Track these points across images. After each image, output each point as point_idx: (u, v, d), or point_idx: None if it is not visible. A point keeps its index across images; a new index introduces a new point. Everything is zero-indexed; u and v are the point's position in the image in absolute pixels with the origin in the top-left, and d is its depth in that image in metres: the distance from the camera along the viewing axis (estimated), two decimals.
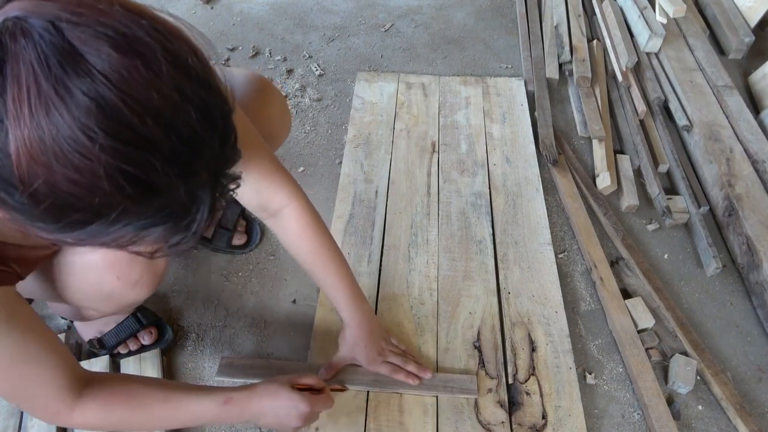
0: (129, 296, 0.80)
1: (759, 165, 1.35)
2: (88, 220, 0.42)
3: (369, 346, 0.95)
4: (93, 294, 0.78)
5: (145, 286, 0.79)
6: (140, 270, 0.77)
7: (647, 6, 1.80)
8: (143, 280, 0.78)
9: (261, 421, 0.84)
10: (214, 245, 1.21)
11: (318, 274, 0.90)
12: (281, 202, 0.84)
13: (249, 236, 1.23)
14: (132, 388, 0.74)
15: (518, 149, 1.46)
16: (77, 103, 0.37)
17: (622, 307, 1.13)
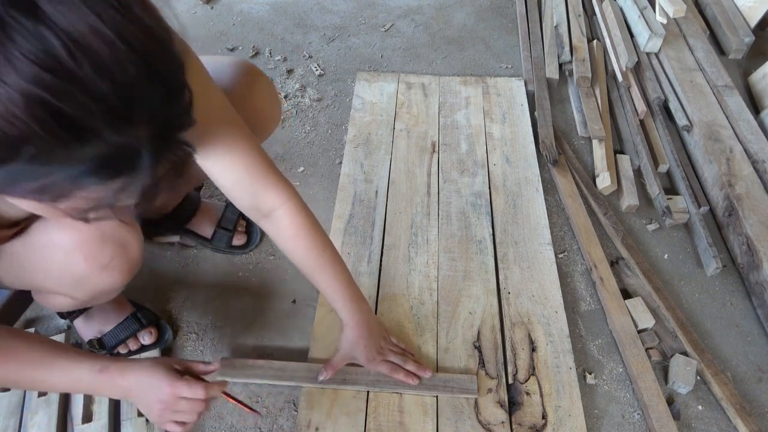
0: (101, 281, 0.76)
1: (759, 165, 1.35)
2: (6, 156, 0.39)
3: (368, 345, 0.94)
4: (62, 277, 0.75)
5: (116, 271, 0.75)
6: (110, 252, 0.73)
7: (647, 6, 1.80)
8: (114, 263, 0.74)
9: (132, 400, 0.77)
10: (214, 245, 1.21)
11: (315, 275, 0.89)
12: (275, 202, 0.83)
13: (249, 237, 1.23)
14: (12, 342, 0.69)
15: (518, 149, 1.46)
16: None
17: (622, 307, 1.13)
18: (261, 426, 0.96)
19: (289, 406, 0.99)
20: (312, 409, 0.96)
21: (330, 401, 0.97)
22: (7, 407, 0.92)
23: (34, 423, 0.90)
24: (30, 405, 0.92)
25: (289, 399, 1.00)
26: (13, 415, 0.92)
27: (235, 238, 1.21)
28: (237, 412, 0.98)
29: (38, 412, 0.91)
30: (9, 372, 0.69)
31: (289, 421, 0.97)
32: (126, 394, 0.75)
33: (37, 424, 0.90)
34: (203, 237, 1.21)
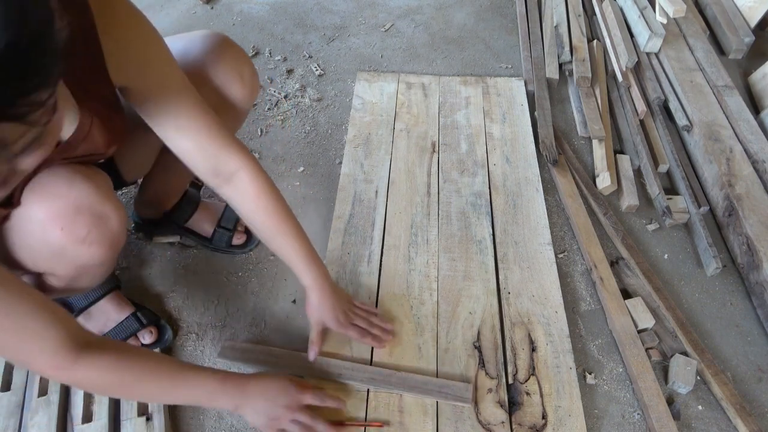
0: (81, 254, 0.74)
1: (759, 165, 1.35)
2: None
3: (335, 308, 0.97)
4: (42, 251, 0.74)
5: (94, 245, 0.74)
6: (86, 224, 0.72)
7: (647, 6, 1.80)
8: (91, 236, 0.73)
9: (250, 406, 0.83)
10: (213, 245, 1.21)
11: (277, 239, 0.90)
12: (236, 164, 0.83)
13: (249, 236, 1.23)
14: (141, 355, 0.75)
15: (518, 149, 1.46)
16: None
17: (622, 307, 1.13)
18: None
19: None
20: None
21: None
22: (7, 407, 0.92)
23: (34, 423, 0.90)
24: (30, 405, 0.92)
25: None
26: (13, 415, 0.92)
27: (235, 237, 1.21)
28: None
29: (38, 412, 0.91)
30: (147, 389, 0.76)
31: None
32: (244, 401, 0.82)
33: (37, 424, 0.90)
34: (203, 236, 1.21)
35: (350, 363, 1.01)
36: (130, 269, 1.19)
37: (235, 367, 1.04)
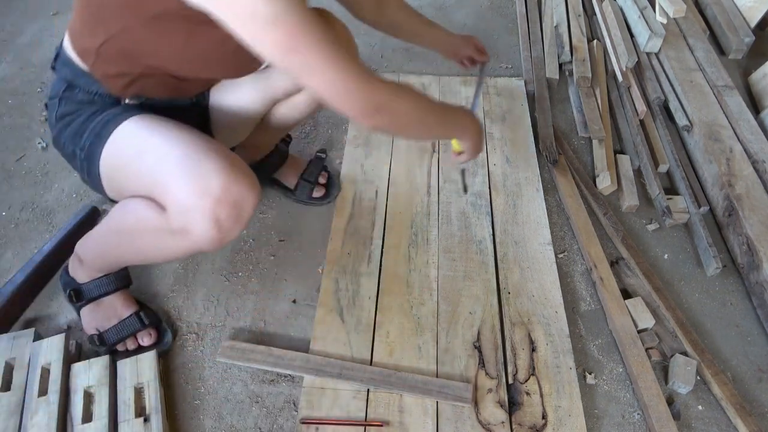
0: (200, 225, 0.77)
1: (759, 165, 1.35)
2: None
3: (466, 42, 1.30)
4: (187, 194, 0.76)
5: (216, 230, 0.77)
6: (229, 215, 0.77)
7: (647, 6, 1.80)
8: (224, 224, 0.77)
9: (473, 136, 1.03)
10: (296, 196, 1.31)
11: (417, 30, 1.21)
12: None
13: (328, 191, 1.32)
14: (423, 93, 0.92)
15: (518, 149, 1.46)
16: None
17: (622, 307, 1.13)
18: (261, 426, 0.96)
19: (289, 406, 0.99)
20: (312, 409, 0.96)
21: (330, 401, 0.97)
22: (7, 407, 0.92)
23: (34, 423, 0.90)
24: (30, 405, 0.92)
25: (289, 399, 1.00)
26: (13, 415, 0.92)
27: (316, 190, 1.31)
28: (237, 412, 0.98)
29: (38, 412, 0.91)
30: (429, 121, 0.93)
31: (289, 421, 0.97)
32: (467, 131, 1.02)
33: (37, 424, 0.90)
34: (287, 187, 1.32)
35: (350, 363, 1.01)
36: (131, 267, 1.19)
37: (236, 367, 1.04)
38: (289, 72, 0.73)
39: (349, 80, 0.75)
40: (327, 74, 0.73)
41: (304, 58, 0.71)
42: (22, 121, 1.53)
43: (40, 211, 1.30)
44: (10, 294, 1.07)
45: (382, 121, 0.82)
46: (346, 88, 0.76)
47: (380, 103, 0.80)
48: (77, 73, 0.86)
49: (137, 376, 0.97)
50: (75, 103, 0.88)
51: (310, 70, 0.72)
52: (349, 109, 0.79)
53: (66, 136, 0.89)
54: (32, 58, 1.75)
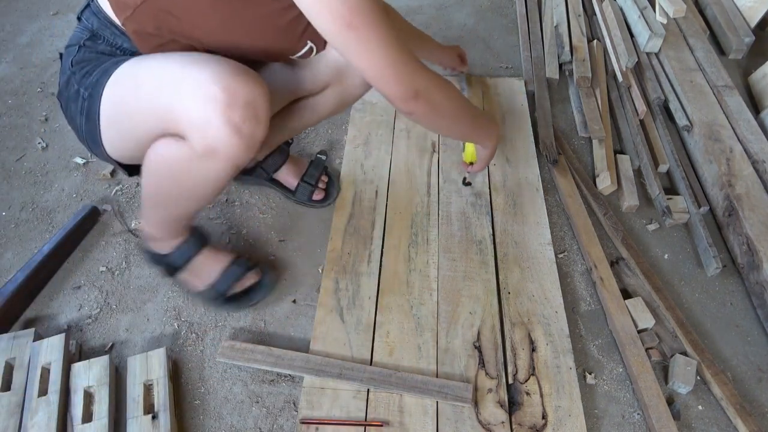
0: (222, 136, 0.77)
1: (759, 165, 1.35)
2: None
3: None
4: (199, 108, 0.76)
5: (237, 136, 0.78)
6: (246, 117, 0.77)
7: (647, 6, 1.80)
8: (243, 129, 0.77)
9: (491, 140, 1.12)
10: (296, 197, 1.31)
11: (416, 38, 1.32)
12: None
13: (327, 193, 1.33)
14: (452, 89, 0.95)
15: (518, 149, 1.46)
16: None
17: (622, 307, 1.13)
18: (261, 426, 0.97)
19: (289, 406, 0.99)
20: (312, 409, 0.96)
21: (330, 401, 0.97)
22: (7, 407, 0.92)
23: (34, 423, 0.90)
24: (30, 405, 0.92)
25: (289, 399, 1.00)
26: (13, 415, 0.92)
27: (316, 193, 1.31)
28: (237, 412, 0.98)
29: (38, 412, 0.91)
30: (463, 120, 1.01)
31: (289, 421, 0.97)
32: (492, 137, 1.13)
33: (37, 424, 0.90)
34: (287, 188, 1.32)
35: (350, 363, 1.01)
36: (130, 269, 1.19)
37: (236, 367, 1.04)
38: (341, 47, 0.76)
39: (397, 63, 0.80)
40: (377, 53, 0.77)
41: (360, 35, 0.74)
42: (22, 121, 1.53)
43: (40, 211, 1.30)
44: (10, 294, 1.07)
45: (418, 107, 0.86)
46: (393, 70, 0.80)
47: (420, 90, 0.84)
48: (105, 23, 0.86)
49: (147, 372, 0.97)
50: (95, 52, 0.88)
51: (363, 47, 0.76)
52: (390, 91, 0.83)
53: (76, 78, 0.88)
54: (32, 58, 1.75)
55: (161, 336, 1.08)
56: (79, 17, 0.91)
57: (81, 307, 1.12)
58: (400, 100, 0.84)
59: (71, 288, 1.15)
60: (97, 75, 0.86)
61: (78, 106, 0.89)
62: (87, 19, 0.88)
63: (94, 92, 0.86)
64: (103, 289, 1.15)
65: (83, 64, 0.88)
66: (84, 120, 0.89)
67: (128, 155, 0.92)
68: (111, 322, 1.10)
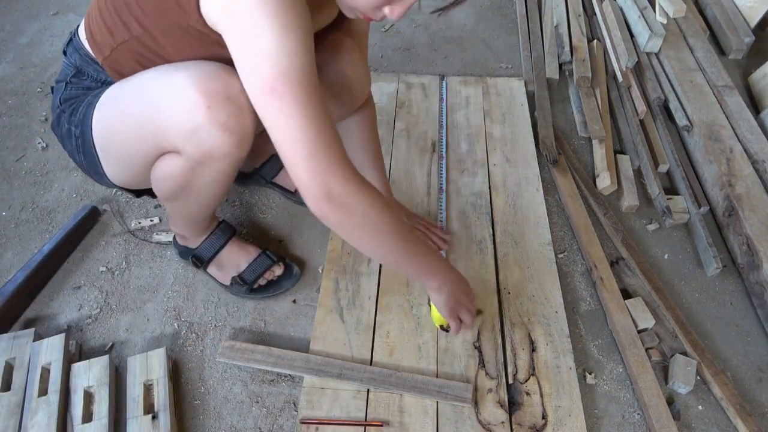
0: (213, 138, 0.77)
1: (759, 165, 1.35)
2: None
3: None
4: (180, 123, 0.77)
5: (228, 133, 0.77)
6: (229, 112, 0.76)
7: (647, 6, 1.80)
8: (230, 124, 0.77)
9: (446, 288, 0.93)
10: (297, 198, 1.31)
11: (368, 161, 1.15)
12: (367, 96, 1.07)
13: None
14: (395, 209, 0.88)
15: (518, 149, 1.46)
16: None
17: (622, 307, 1.13)
18: (261, 426, 0.97)
19: (289, 406, 0.99)
20: (312, 409, 0.96)
21: (330, 401, 0.97)
22: (7, 407, 0.92)
23: (34, 423, 0.90)
24: (30, 405, 0.92)
25: (289, 399, 1.00)
26: (13, 415, 0.92)
27: None
28: (237, 412, 0.98)
29: (38, 412, 0.91)
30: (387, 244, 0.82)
31: (289, 421, 0.97)
32: (445, 284, 0.92)
33: (37, 424, 0.90)
34: (287, 190, 1.32)
35: (350, 363, 1.01)
36: (130, 269, 1.19)
37: (236, 367, 1.04)
38: (260, 113, 0.70)
39: (314, 151, 0.69)
40: (294, 131, 0.68)
41: (281, 105, 0.67)
42: (22, 121, 1.53)
43: (40, 211, 1.30)
44: (10, 294, 1.07)
45: (329, 213, 0.74)
46: (306, 158, 0.70)
47: (334, 193, 0.72)
48: (87, 60, 0.87)
49: (147, 372, 0.97)
50: (81, 89, 0.89)
51: (282, 120, 0.68)
52: (299, 182, 0.72)
53: (65, 116, 0.90)
54: (32, 58, 1.75)
55: (161, 336, 1.08)
56: (65, 51, 0.91)
57: (81, 307, 1.12)
58: (308, 196, 0.73)
59: (71, 288, 1.15)
60: (83, 110, 0.87)
61: (73, 144, 0.91)
62: (71, 54, 0.89)
63: (84, 128, 0.87)
64: (103, 289, 1.15)
65: (71, 101, 0.89)
66: (82, 157, 0.91)
67: (133, 181, 0.95)
68: (111, 322, 1.10)
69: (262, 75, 0.67)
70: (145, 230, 1.26)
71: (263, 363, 1.01)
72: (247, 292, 1.12)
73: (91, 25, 0.85)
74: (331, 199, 0.72)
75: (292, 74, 0.67)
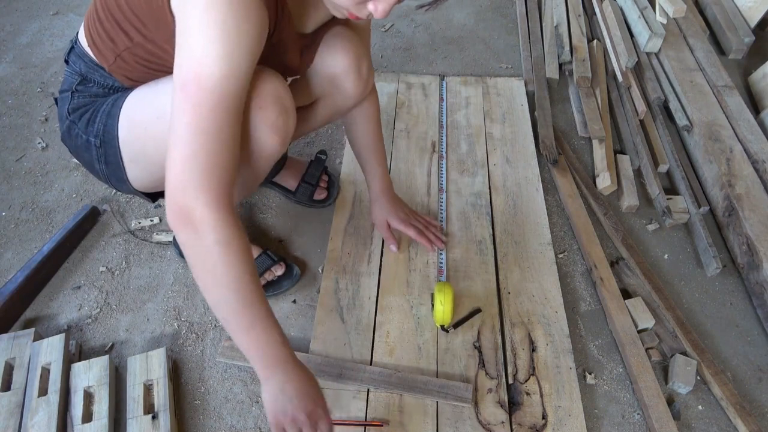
0: (261, 137, 0.80)
1: (759, 165, 1.35)
2: None
3: (397, 208, 1.18)
4: None
5: (274, 132, 0.80)
6: (278, 112, 0.79)
7: (647, 6, 1.80)
8: (277, 124, 0.79)
9: (271, 389, 0.76)
10: (297, 198, 1.31)
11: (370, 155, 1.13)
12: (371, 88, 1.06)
13: (329, 192, 1.32)
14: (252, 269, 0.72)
15: (518, 149, 1.46)
16: None
17: (622, 307, 1.13)
18: (261, 426, 0.96)
19: None
20: None
21: (330, 401, 0.97)
22: (7, 407, 0.92)
23: (34, 423, 0.90)
24: (30, 405, 0.92)
25: None
26: (13, 415, 0.92)
27: (317, 192, 1.31)
28: (237, 412, 0.98)
29: (38, 412, 0.91)
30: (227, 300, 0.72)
31: None
32: (283, 380, 0.76)
33: (37, 424, 0.90)
34: (288, 189, 1.31)
35: (350, 363, 1.01)
36: (130, 269, 1.19)
37: (236, 367, 1.04)
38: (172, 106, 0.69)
39: (191, 164, 0.66)
40: (182, 136, 0.66)
41: (184, 105, 0.66)
42: (22, 121, 1.53)
43: (40, 211, 1.30)
44: (10, 294, 1.07)
45: (182, 231, 0.69)
46: (182, 165, 0.67)
47: (192, 214, 0.67)
48: (93, 67, 0.86)
49: (147, 372, 0.97)
50: (89, 96, 0.88)
51: (177, 118, 0.67)
52: (167, 184, 0.69)
53: (79, 127, 0.88)
54: (32, 58, 1.75)
55: (161, 336, 1.08)
56: (66, 60, 0.90)
57: (81, 307, 1.12)
58: (169, 201, 0.69)
59: (71, 288, 1.15)
60: (102, 120, 0.86)
61: (93, 154, 0.90)
62: (74, 62, 0.88)
63: (106, 138, 0.86)
64: (103, 289, 1.15)
65: (81, 110, 0.88)
66: (104, 166, 0.91)
67: (157, 185, 0.93)
68: (111, 322, 1.10)
69: (183, 70, 0.67)
70: (145, 230, 1.26)
71: None
72: None
73: (92, 32, 0.84)
74: (185, 215, 0.68)
75: (208, 80, 0.66)
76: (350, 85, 1.01)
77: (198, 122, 0.67)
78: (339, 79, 0.99)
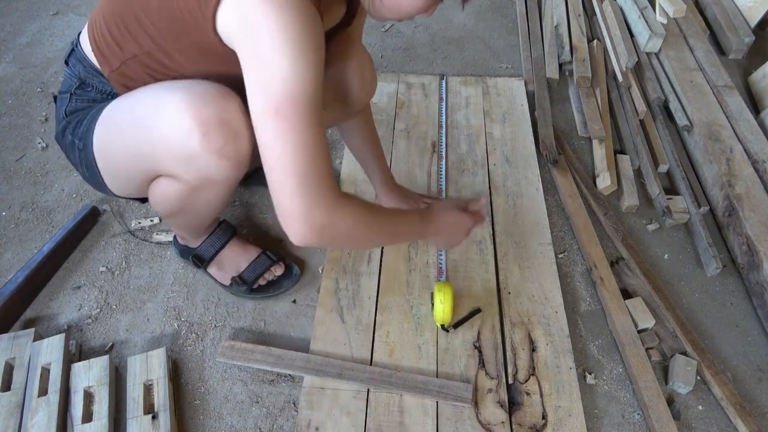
0: (211, 165, 0.78)
1: (759, 165, 1.35)
2: None
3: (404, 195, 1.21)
4: (176, 150, 0.77)
5: (225, 159, 0.78)
6: (225, 137, 0.76)
7: (647, 6, 1.80)
8: (226, 150, 0.77)
9: (437, 235, 0.96)
10: None
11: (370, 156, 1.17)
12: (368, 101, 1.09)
13: None
14: (372, 206, 0.84)
15: (518, 149, 1.46)
16: None
17: (622, 307, 1.13)
18: (261, 426, 0.97)
19: (289, 406, 0.99)
20: (312, 409, 0.96)
21: (330, 401, 0.97)
22: (7, 407, 0.92)
23: (34, 423, 0.90)
24: (30, 405, 0.92)
25: (289, 399, 1.00)
26: (13, 415, 0.92)
27: None
28: (237, 412, 0.98)
29: (38, 412, 0.91)
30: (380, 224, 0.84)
31: (289, 421, 0.97)
32: (436, 232, 0.95)
33: (37, 424, 0.90)
34: None
35: (350, 363, 1.01)
36: (130, 269, 1.19)
37: (236, 367, 1.04)
38: (259, 131, 0.69)
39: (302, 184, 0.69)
40: (287, 159, 0.68)
41: (282, 127, 0.67)
42: (22, 121, 1.53)
43: (40, 211, 1.30)
44: (10, 294, 1.07)
45: (313, 240, 0.73)
46: (294, 187, 0.69)
47: (317, 223, 0.72)
48: (92, 72, 0.86)
49: (147, 372, 0.97)
50: (86, 101, 0.88)
51: (276, 142, 0.68)
52: (281, 209, 0.72)
53: (71, 128, 0.89)
54: (32, 58, 1.75)
55: (161, 336, 1.08)
56: (67, 61, 0.90)
57: (81, 307, 1.12)
58: (290, 222, 0.72)
59: (71, 288, 1.15)
60: (87, 123, 0.87)
61: (76, 156, 0.91)
62: (73, 65, 0.88)
63: (87, 142, 0.87)
64: (103, 289, 1.15)
65: (77, 114, 0.89)
66: (85, 169, 0.92)
67: (136, 192, 0.95)
68: (111, 322, 1.10)
69: (271, 94, 0.66)
70: (145, 230, 1.26)
71: (263, 363, 1.01)
72: (247, 292, 1.12)
73: (96, 36, 0.83)
74: (313, 227, 0.72)
75: (300, 98, 0.66)
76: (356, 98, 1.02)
77: (299, 141, 0.67)
78: (345, 93, 1.00)
